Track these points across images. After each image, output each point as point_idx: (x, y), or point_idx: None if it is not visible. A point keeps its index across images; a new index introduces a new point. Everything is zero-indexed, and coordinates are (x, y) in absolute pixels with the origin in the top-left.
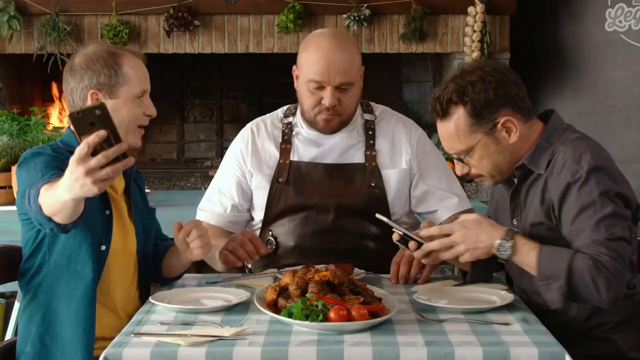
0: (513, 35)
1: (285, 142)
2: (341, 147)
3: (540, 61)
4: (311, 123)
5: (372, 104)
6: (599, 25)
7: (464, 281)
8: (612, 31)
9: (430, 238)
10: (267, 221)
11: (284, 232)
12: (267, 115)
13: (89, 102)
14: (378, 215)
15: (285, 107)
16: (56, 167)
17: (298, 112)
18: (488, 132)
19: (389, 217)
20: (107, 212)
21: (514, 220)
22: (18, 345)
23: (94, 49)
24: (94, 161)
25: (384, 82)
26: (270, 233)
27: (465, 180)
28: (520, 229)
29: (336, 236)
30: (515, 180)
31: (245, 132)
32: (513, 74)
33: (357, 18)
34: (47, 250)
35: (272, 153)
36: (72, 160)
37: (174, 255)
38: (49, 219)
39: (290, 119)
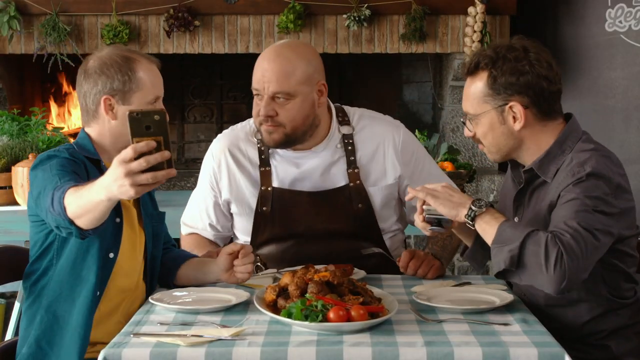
0: (513, 35)
1: (264, 164)
2: (322, 167)
3: None
4: (261, 137)
5: (347, 109)
6: (599, 26)
7: (461, 255)
8: (612, 31)
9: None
10: (254, 246)
11: (273, 257)
12: (239, 127)
13: (102, 107)
14: (364, 252)
15: None
16: (72, 170)
17: None
18: (497, 108)
19: (376, 236)
20: (118, 219)
21: (516, 217)
22: (18, 346)
23: (109, 52)
24: (135, 164)
25: (384, 83)
26: (259, 258)
27: (466, 180)
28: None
29: (329, 260)
30: (522, 182)
31: (217, 152)
32: (554, 71)
33: (357, 18)
34: (56, 254)
35: (251, 177)
36: (115, 160)
37: (198, 269)
38: (71, 222)
39: None
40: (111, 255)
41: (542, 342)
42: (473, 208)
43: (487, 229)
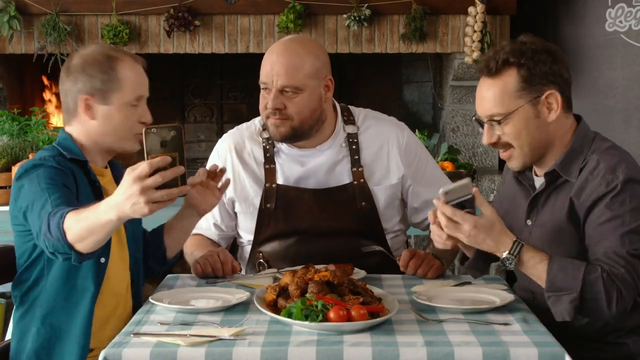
0: (513, 35)
1: (269, 162)
2: (327, 165)
3: None
4: (268, 131)
5: (353, 109)
6: (599, 25)
7: (461, 264)
8: (613, 31)
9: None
10: (257, 243)
11: (276, 254)
12: (244, 126)
13: (80, 107)
14: (365, 249)
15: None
16: (61, 183)
17: None
18: (532, 101)
19: (379, 235)
20: None
21: (529, 220)
22: (11, 356)
23: (92, 50)
24: (150, 180)
25: (384, 83)
26: (261, 255)
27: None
28: (535, 229)
29: (331, 258)
30: (539, 184)
31: (222, 151)
32: (567, 62)
33: (357, 18)
34: (46, 264)
35: (256, 175)
36: (128, 178)
37: (177, 224)
38: (70, 247)
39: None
40: (102, 260)
41: (543, 342)
42: (508, 267)
43: (533, 276)
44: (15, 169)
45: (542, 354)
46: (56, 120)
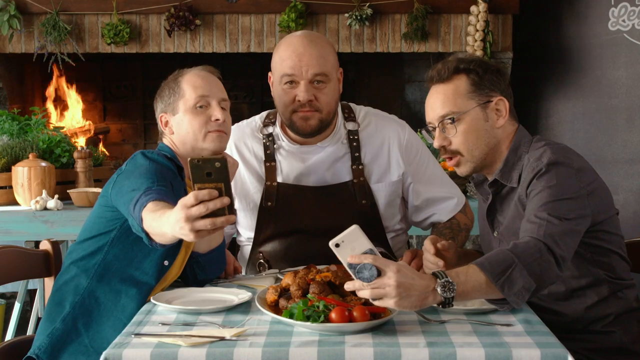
0: (516, 34)
1: (269, 159)
2: (327, 162)
3: (543, 60)
4: (290, 127)
5: (353, 106)
6: (602, 25)
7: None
8: (616, 30)
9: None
10: (257, 242)
11: (276, 254)
12: (245, 123)
13: (161, 125)
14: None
15: (264, 114)
16: (169, 181)
17: (278, 122)
18: (482, 104)
19: (380, 234)
20: None
21: (495, 232)
22: (46, 316)
23: (172, 75)
24: (194, 209)
25: (386, 82)
26: (261, 255)
27: (468, 180)
28: (502, 238)
29: (332, 257)
30: (490, 197)
31: None
32: (508, 78)
33: (359, 17)
34: (110, 243)
35: (256, 172)
36: (179, 202)
37: None
38: (144, 232)
39: (271, 129)
40: (166, 263)
41: (545, 343)
42: (449, 295)
43: (472, 286)
44: (15, 169)
45: (544, 355)
46: (56, 119)
